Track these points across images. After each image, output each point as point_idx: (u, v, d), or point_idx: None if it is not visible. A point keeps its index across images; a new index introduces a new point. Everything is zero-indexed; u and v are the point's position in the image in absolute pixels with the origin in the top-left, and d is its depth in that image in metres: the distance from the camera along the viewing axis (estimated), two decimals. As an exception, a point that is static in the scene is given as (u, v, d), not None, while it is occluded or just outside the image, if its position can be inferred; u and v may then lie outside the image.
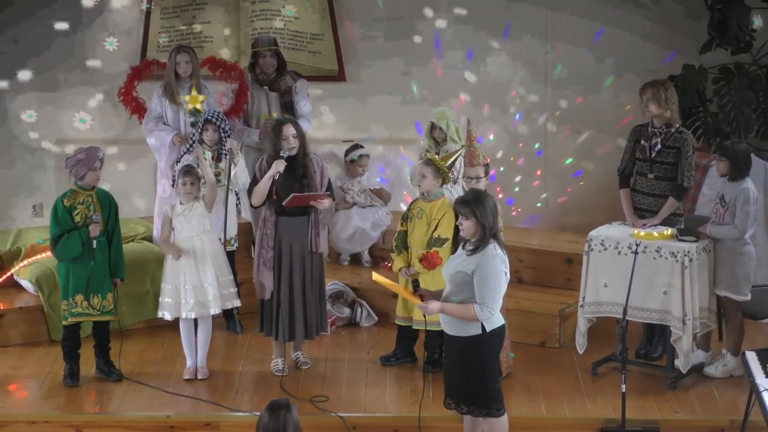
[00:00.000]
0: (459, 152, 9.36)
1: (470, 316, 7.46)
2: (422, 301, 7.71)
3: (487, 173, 9.09)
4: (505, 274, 7.51)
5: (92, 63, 11.66)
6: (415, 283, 7.85)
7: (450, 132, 10.05)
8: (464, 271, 7.49)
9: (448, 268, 7.65)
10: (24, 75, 11.62)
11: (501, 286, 7.49)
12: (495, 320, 7.55)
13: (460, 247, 7.64)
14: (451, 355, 7.71)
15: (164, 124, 10.26)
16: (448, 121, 10.08)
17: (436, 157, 9.33)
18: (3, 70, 11.62)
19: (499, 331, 7.61)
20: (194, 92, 9.69)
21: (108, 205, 9.07)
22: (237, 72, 10.53)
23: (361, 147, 10.93)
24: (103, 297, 9.06)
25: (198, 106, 9.86)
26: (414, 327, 9.24)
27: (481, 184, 8.94)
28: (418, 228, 9.14)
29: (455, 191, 9.90)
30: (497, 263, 7.46)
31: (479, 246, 7.49)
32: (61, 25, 11.56)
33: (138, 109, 10.43)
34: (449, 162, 9.21)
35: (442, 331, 7.85)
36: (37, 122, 11.72)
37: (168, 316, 9.19)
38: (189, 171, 9.16)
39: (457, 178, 9.96)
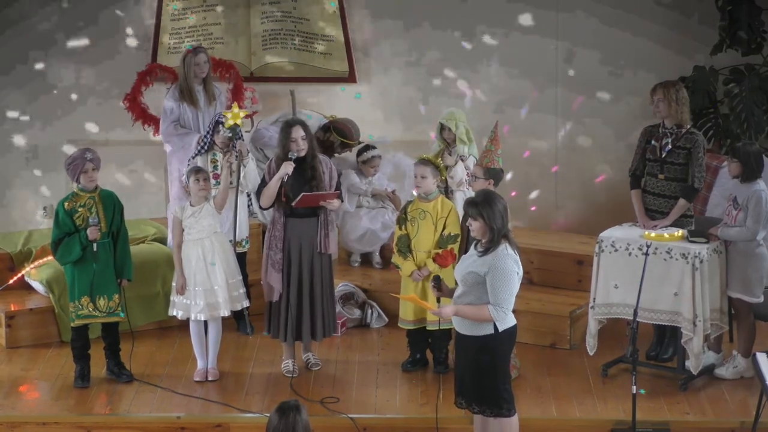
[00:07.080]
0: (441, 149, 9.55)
1: (484, 316, 7.45)
2: (438, 301, 7.72)
3: (490, 178, 8.92)
4: (518, 274, 7.51)
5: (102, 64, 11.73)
6: (436, 279, 7.79)
7: (459, 133, 10.03)
8: (476, 271, 7.48)
9: (459, 269, 7.64)
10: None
11: (514, 287, 7.49)
12: (508, 320, 7.55)
13: (472, 247, 7.63)
14: (463, 355, 7.69)
15: (181, 127, 10.21)
16: (457, 122, 10.05)
17: (431, 155, 9.32)
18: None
19: (512, 331, 7.60)
20: (235, 108, 9.49)
21: (112, 206, 9.04)
22: (234, 71, 10.51)
23: (374, 148, 10.89)
24: (109, 298, 9.05)
25: (239, 122, 9.57)
26: (428, 328, 9.19)
27: (478, 184, 8.90)
28: (423, 229, 9.10)
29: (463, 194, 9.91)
30: (510, 264, 7.46)
31: (490, 247, 7.48)
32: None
33: (143, 116, 10.41)
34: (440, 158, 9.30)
35: (449, 331, 7.84)
36: (47, 123, 11.76)
37: (181, 315, 9.19)
38: (200, 169, 9.19)
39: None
